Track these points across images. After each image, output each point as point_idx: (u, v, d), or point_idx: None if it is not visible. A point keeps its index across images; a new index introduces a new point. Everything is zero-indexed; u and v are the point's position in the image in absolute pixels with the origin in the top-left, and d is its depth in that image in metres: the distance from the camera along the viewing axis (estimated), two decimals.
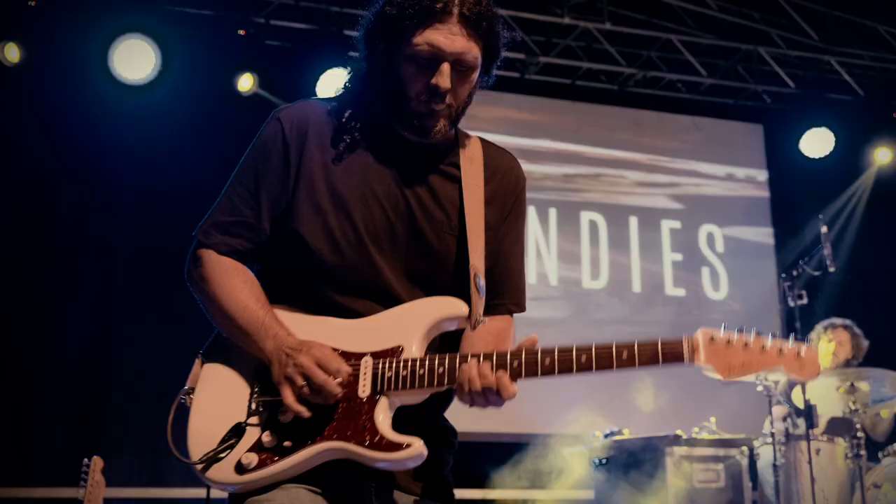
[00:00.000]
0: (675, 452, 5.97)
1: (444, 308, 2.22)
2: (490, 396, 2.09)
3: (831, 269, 5.91)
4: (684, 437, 6.08)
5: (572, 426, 6.74)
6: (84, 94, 7.31)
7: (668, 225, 8.93)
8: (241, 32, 7.79)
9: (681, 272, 8.83)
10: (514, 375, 2.08)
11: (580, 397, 7.76)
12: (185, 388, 2.25)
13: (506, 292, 2.41)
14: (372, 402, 2.12)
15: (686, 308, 8.74)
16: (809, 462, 5.52)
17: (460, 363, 2.11)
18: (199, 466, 2.15)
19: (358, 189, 2.27)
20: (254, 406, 2.18)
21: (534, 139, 8.67)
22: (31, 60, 7.24)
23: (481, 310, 2.25)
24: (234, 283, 2.26)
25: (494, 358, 2.10)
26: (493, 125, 8.12)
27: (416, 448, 2.07)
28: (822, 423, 6.17)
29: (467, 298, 2.23)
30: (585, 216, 8.72)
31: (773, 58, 8.90)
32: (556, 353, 2.08)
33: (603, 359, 2.07)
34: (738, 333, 2.07)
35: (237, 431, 2.15)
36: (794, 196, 9.21)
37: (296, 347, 2.14)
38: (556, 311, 8.32)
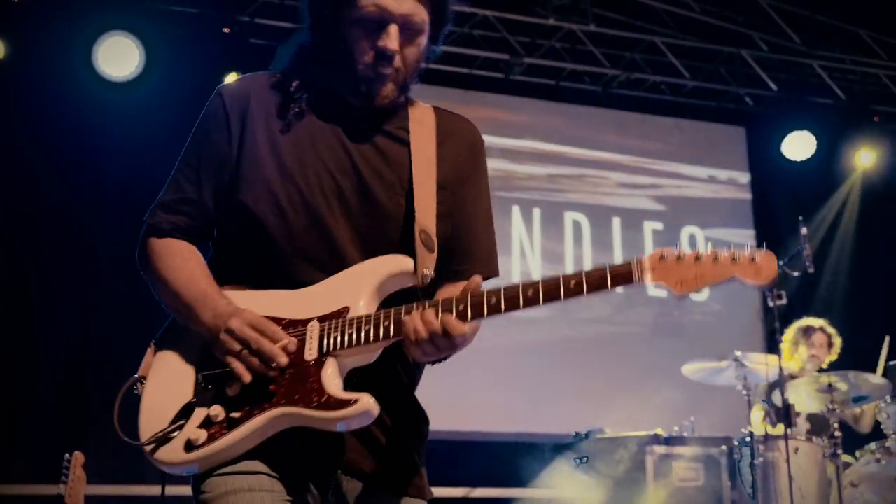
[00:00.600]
0: (655, 451, 6.02)
1: (388, 265, 2.16)
2: (439, 341, 2.02)
3: (810, 271, 5.97)
4: (665, 435, 6.13)
5: (553, 425, 6.77)
6: (69, 91, 7.28)
7: (650, 226, 8.97)
8: (226, 30, 7.79)
9: None
10: (461, 318, 2.03)
11: (561, 396, 7.81)
12: (136, 376, 2.21)
13: (472, 256, 2.32)
14: (319, 363, 2.06)
15: (667, 309, 8.78)
16: (787, 461, 5.57)
17: (405, 313, 2.06)
18: (149, 448, 2.09)
19: (304, 156, 2.22)
20: (201, 383, 2.12)
21: (518, 139, 8.70)
22: (15, 56, 7.21)
23: (430, 265, 2.18)
24: (177, 261, 2.24)
25: (440, 304, 2.05)
26: (477, 125, 8.11)
27: (364, 403, 1.99)
28: (801, 421, 6.25)
29: (414, 255, 2.18)
30: (569, 216, 8.75)
31: (755, 61, 8.96)
32: (501, 291, 2.06)
33: (551, 290, 2.07)
34: (690, 249, 2.03)
35: (186, 412, 2.09)
36: (776, 198, 9.27)
37: (230, 314, 2.10)
38: (540, 309, 8.12)
